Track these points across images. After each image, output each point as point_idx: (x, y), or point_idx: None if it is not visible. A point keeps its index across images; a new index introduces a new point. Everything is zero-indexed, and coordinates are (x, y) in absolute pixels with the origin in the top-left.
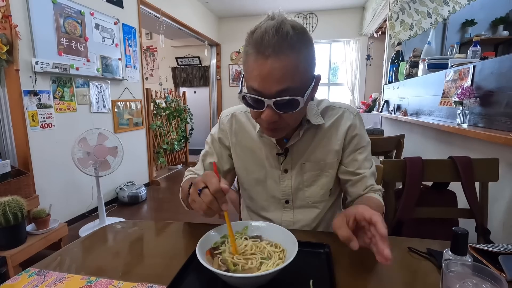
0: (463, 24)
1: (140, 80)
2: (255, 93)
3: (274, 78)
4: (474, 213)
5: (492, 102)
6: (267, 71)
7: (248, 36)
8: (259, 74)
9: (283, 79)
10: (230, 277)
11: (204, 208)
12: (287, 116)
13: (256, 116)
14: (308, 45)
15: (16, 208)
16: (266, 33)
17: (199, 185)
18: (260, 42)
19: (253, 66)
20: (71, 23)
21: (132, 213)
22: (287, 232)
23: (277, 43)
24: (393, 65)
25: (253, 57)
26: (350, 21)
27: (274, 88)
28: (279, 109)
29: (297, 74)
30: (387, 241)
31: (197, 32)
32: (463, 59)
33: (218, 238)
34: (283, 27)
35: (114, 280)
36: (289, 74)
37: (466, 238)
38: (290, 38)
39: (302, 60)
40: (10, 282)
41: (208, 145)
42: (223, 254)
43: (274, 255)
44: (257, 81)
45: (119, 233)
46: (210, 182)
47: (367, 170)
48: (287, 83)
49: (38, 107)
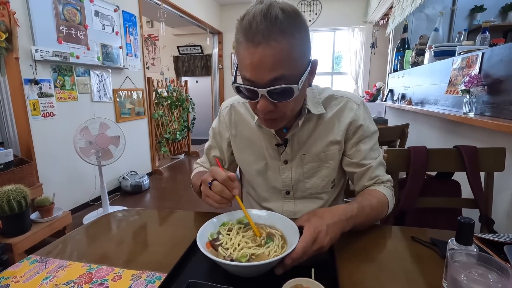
0: (471, 10)
1: (141, 69)
2: (248, 83)
3: (266, 66)
4: (478, 203)
5: (500, 90)
6: (258, 59)
7: (237, 23)
8: (250, 63)
9: (276, 67)
10: (239, 266)
11: (217, 199)
12: (283, 105)
13: (253, 107)
14: (301, 29)
15: (20, 196)
16: (254, 19)
17: (208, 179)
18: (248, 29)
19: (244, 55)
20: (70, 10)
21: (135, 202)
22: (287, 219)
23: (266, 28)
24: (398, 53)
25: (243, 46)
26: (355, 7)
27: (267, 76)
28: (273, 99)
29: (290, 60)
30: (287, 265)
31: (198, 20)
32: (471, 46)
33: (213, 229)
34: (272, 10)
35: (115, 268)
36: (282, 61)
37: (472, 228)
38: (280, 22)
39: (294, 45)
40: (11, 269)
41: (211, 139)
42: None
43: (276, 235)
44: (249, 70)
45: (122, 221)
46: (217, 174)
47: (373, 160)
48: (280, 71)
49: (39, 96)
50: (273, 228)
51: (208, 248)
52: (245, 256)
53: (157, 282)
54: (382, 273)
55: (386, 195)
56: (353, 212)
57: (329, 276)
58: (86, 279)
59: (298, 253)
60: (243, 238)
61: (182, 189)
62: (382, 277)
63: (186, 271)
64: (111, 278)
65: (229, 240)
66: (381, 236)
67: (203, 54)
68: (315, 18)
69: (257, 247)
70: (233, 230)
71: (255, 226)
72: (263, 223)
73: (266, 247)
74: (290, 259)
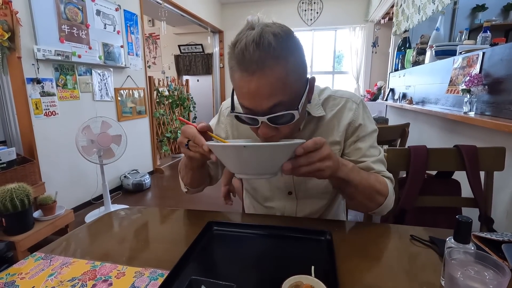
0: (473, 9)
1: (142, 68)
2: (247, 110)
3: (264, 95)
4: (478, 202)
5: (500, 89)
6: (254, 88)
7: (230, 49)
8: (247, 91)
9: (273, 94)
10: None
11: (199, 157)
12: (284, 129)
13: (254, 131)
14: (294, 50)
15: (23, 194)
16: (247, 48)
17: (183, 142)
18: (242, 58)
19: (240, 84)
20: (72, 9)
21: (136, 200)
22: (292, 140)
23: (260, 58)
24: (400, 52)
25: (238, 74)
26: (356, 6)
27: (265, 104)
28: (274, 124)
29: (287, 86)
30: (301, 159)
31: (199, 19)
32: (472, 45)
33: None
34: (264, 38)
35: (119, 265)
36: (279, 87)
37: (470, 226)
38: (273, 49)
39: (290, 69)
40: (17, 266)
41: None
42: None
43: None
44: (247, 99)
45: (124, 220)
46: (188, 134)
47: (373, 157)
48: (278, 97)
49: (41, 95)
50: None
51: None
52: None
53: (160, 279)
54: (381, 270)
55: (387, 183)
56: (348, 163)
57: (328, 274)
58: (90, 276)
59: (309, 144)
60: None
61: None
62: (381, 274)
63: (188, 268)
64: (114, 275)
65: None
66: (381, 234)
67: (204, 53)
68: (316, 17)
69: None
70: None
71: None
72: None
73: None
74: (301, 148)
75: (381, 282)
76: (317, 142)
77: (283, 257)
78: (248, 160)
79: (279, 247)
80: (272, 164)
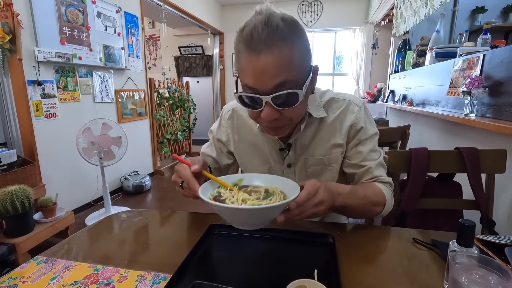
0: (472, 11)
1: (143, 69)
2: (251, 91)
3: (269, 73)
4: (479, 204)
5: (501, 92)
6: (261, 67)
7: (237, 34)
8: (252, 71)
9: (279, 73)
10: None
11: (193, 198)
12: (287, 112)
13: (255, 116)
14: (300, 36)
15: (23, 196)
16: (255, 28)
17: (178, 182)
18: (250, 38)
19: (246, 64)
20: (73, 11)
21: (136, 202)
22: (288, 179)
23: (268, 36)
24: (400, 54)
25: (245, 55)
26: (356, 8)
27: (270, 83)
28: (278, 106)
29: (293, 66)
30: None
31: (199, 21)
32: (473, 47)
33: (212, 190)
34: (272, 20)
35: (121, 268)
36: (284, 67)
37: (473, 230)
38: (280, 30)
39: (296, 51)
40: (19, 269)
41: (209, 141)
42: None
43: (276, 191)
44: (252, 78)
45: (125, 222)
46: (182, 175)
47: (373, 161)
48: (283, 76)
49: (42, 97)
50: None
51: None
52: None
53: (163, 282)
54: (383, 274)
55: (384, 192)
56: (344, 190)
57: (331, 277)
58: (92, 280)
59: (302, 198)
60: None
61: None
62: (383, 278)
63: (191, 272)
64: (117, 279)
65: (232, 196)
66: (383, 237)
67: (204, 54)
68: (316, 18)
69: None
70: (234, 189)
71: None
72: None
73: (269, 200)
74: (294, 203)
75: (384, 285)
76: (310, 193)
77: (286, 260)
78: (242, 218)
79: (281, 251)
80: (265, 219)
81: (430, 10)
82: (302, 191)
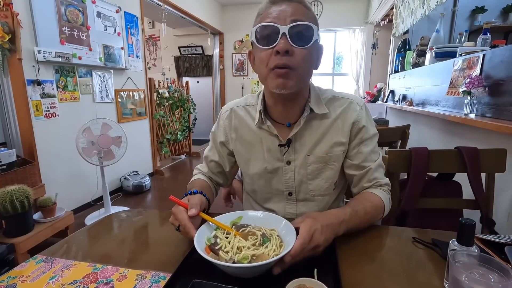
0: (472, 11)
1: (143, 69)
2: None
3: (289, 12)
4: (479, 204)
5: (501, 91)
6: (280, 10)
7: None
8: (273, 11)
9: (296, 14)
10: (243, 268)
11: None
12: (299, 53)
13: (267, 57)
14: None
15: (23, 196)
16: None
17: (175, 224)
18: None
19: (266, 13)
20: (73, 11)
21: (136, 202)
22: (283, 220)
23: None
24: (400, 54)
25: (266, 8)
26: (356, 8)
27: (288, 19)
28: (292, 41)
29: (309, 16)
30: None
31: (199, 21)
32: (472, 47)
33: (209, 233)
34: None
35: (120, 268)
36: (302, 12)
37: (473, 229)
38: None
39: (311, 14)
40: (18, 268)
41: (211, 143)
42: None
43: (273, 234)
44: (272, 16)
45: (124, 222)
46: (179, 219)
47: (373, 162)
48: (300, 17)
49: (41, 97)
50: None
51: (208, 253)
52: (247, 258)
53: (162, 282)
54: (383, 273)
55: (382, 199)
56: (345, 216)
57: (331, 276)
58: (91, 279)
59: (296, 250)
60: (240, 240)
61: (183, 190)
62: (383, 277)
63: (190, 271)
64: (116, 278)
65: (227, 243)
66: (383, 236)
67: (204, 54)
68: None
69: (256, 247)
70: (231, 234)
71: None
72: (259, 226)
73: (265, 247)
74: (289, 256)
75: (383, 284)
76: (305, 241)
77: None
78: (236, 272)
79: None
80: (259, 272)
81: (427, 10)
82: (296, 241)
